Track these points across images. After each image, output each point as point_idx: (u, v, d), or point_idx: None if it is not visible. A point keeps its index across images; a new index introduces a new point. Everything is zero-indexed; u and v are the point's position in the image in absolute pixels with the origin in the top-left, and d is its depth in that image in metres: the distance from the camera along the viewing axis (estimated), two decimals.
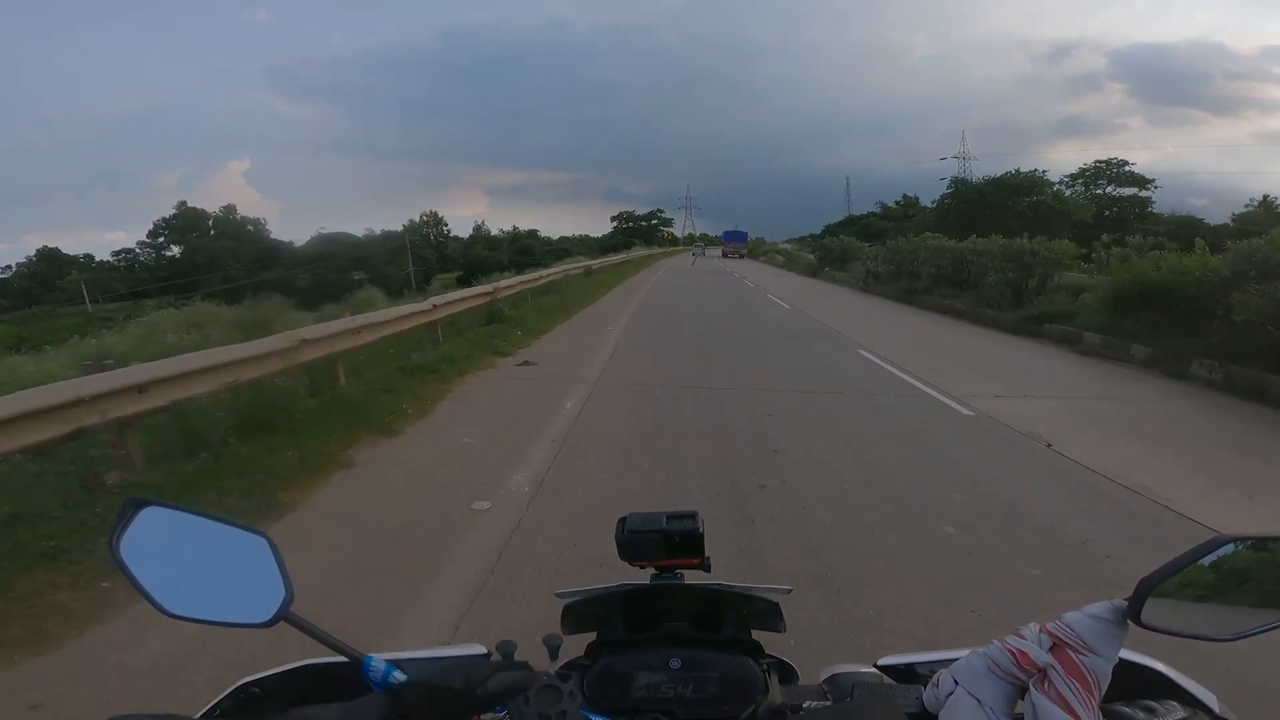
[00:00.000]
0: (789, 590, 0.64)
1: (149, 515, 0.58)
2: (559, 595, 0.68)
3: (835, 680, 0.64)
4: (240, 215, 51.77)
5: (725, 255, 50.01)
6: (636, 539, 0.67)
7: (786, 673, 0.68)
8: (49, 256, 50.53)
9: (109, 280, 46.03)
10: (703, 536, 0.67)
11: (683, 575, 0.69)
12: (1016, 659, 0.51)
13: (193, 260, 46.20)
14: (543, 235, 71.72)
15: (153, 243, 50.82)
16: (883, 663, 0.68)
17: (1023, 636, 0.52)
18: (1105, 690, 0.50)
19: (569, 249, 53.97)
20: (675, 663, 0.61)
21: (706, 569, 0.68)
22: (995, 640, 0.53)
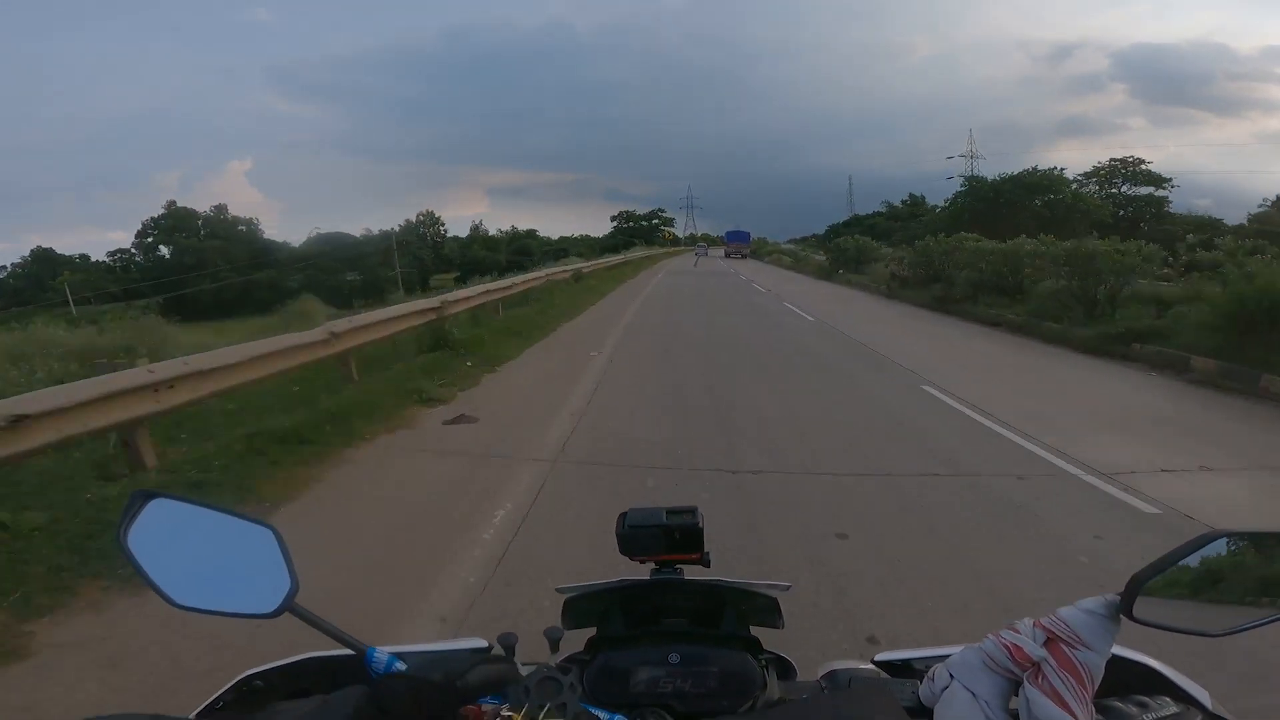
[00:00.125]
0: (788, 587, 0.67)
1: (156, 507, 0.60)
2: (559, 590, 0.70)
3: (833, 676, 0.67)
4: (231, 215, 51.97)
5: (728, 255, 50.11)
6: (637, 534, 0.69)
7: (785, 668, 0.70)
8: (43, 256, 50.89)
9: (104, 281, 46.22)
10: (702, 532, 0.69)
11: (682, 570, 0.71)
12: (1011, 653, 0.53)
13: (181, 261, 46.40)
14: (542, 235, 72.37)
15: (141, 243, 51.08)
16: (880, 658, 0.70)
17: (1017, 631, 0.54)
18: (1099, 685, 0.52)
19: (567, 249, 54.23)
20: (674, 658, 0.63)
21: (706, 564, 0.71)
22: (990, 634, 0.55)
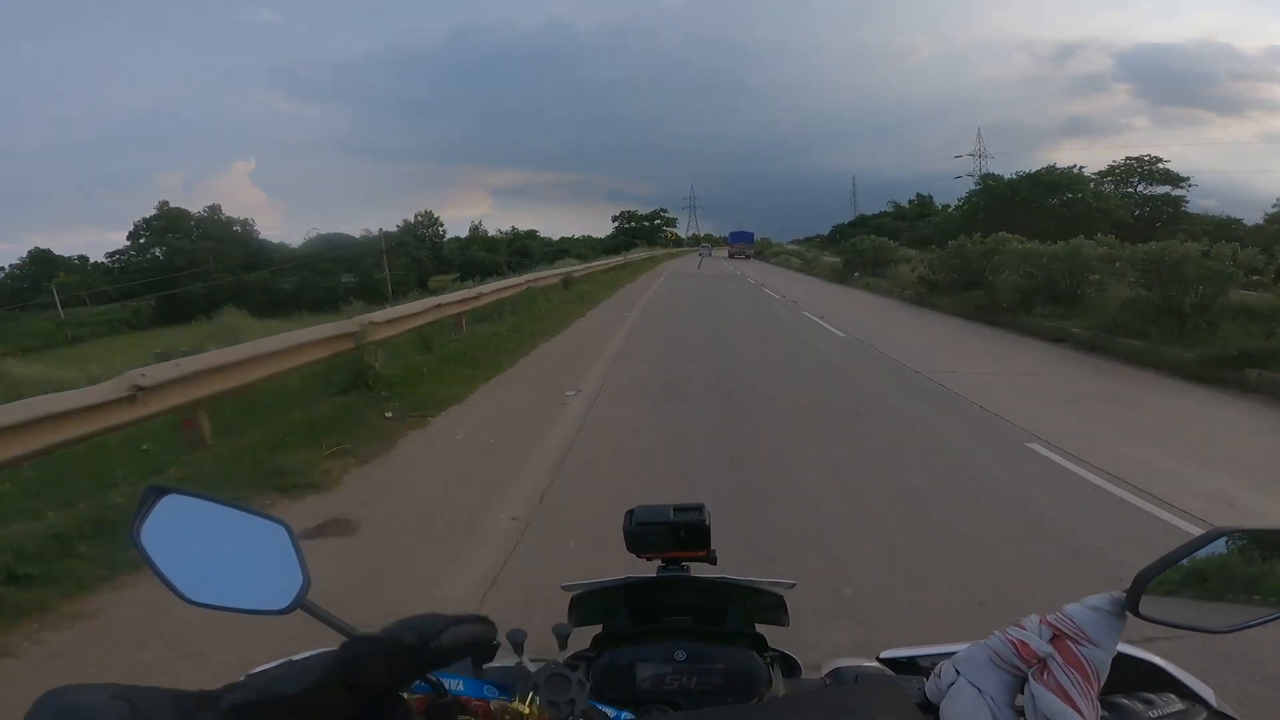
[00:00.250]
0: (793, 584, 0.70)
1: (169, 503, 0.61)
2: (565, 588, 0.73)
3: (838, 673, 0.69)
4: (226, 215, 52.28)
5: (731, 256, 52.38)
6: (644, 531, 0.71)
7: (789, 666, 0.72)
8: (40, 257, 51.26)
9: (100, 282, 46.50)
10: (709, 529, 0.71)
11: (689, 567, 0.73)
12: (1017, 649, 0.56)
13: (172, 262, 46.72)
14: (543, 236, 72.68)
15: (134, 244, 51.46)
16: (885, 655, 0.72)
17: (1023, 628, 0.57)
18: (1104, 681, 0.54)
19: (568, 250, 54.64)
20: (680, 655, 0.66)
21: (712, 562, 0.73)
22: (997, 631, 0.58)
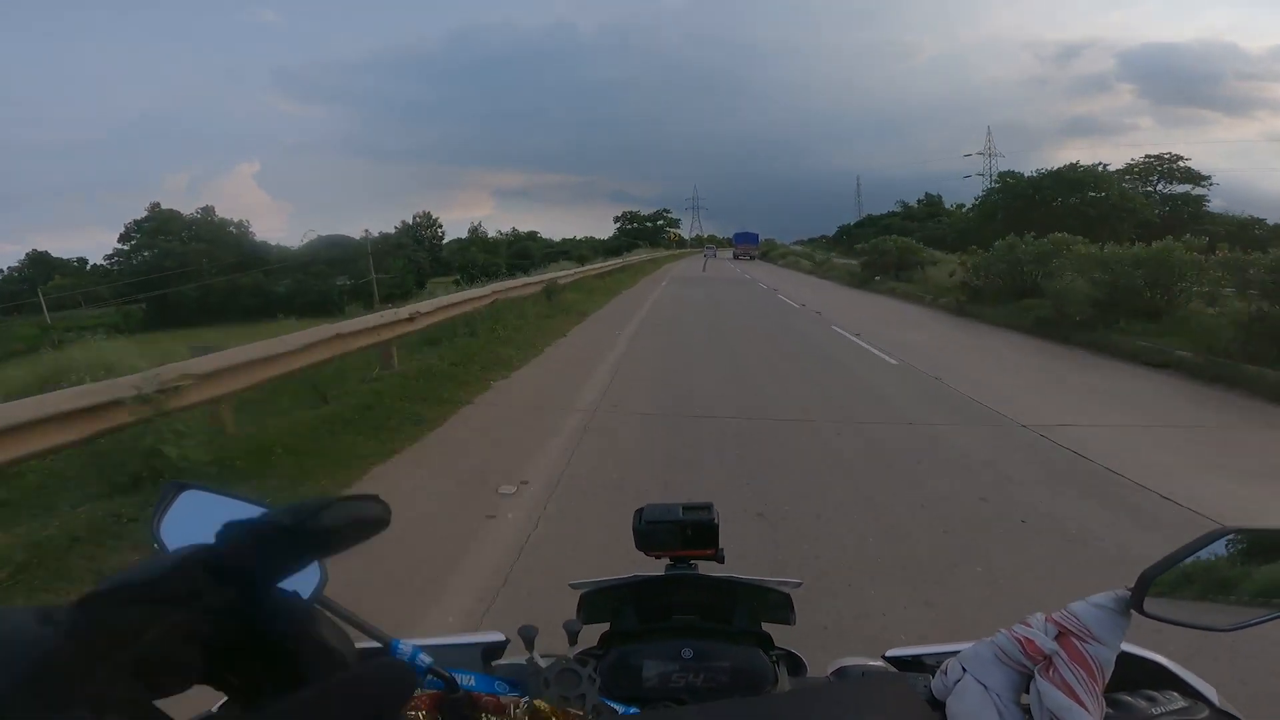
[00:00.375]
0: (799, 583, 0.73)
1: (189, 498, 0.64)
2: (574, 586, 0.76)
3: (844, 671, 0.72)
4: (219, 217, 52.55)
5: (736, 257, 54.69)
6: (653, 529, 0.74)
7: (795, 664, 0.75)
8: (38, 259, 51.99)
9: (100, 285, 46.95)
10: (717, 528, 0.74)
11: (696, 566, 0.76)
12: (1024, 647, 0.59)
13: (162, 265, 47.03)
14: (544, 237, 73.36)
15: (123, 247, 51.90)
16: (890, 654, 0.75)
17: (1029, 625, 0.60)
18: (1109, 679, 0.57)
19: (569, 251, 55.18)
20: (687, 653, 0.69)
21: (720, 560, 0.76)
22: (1003, 629, 0.61)
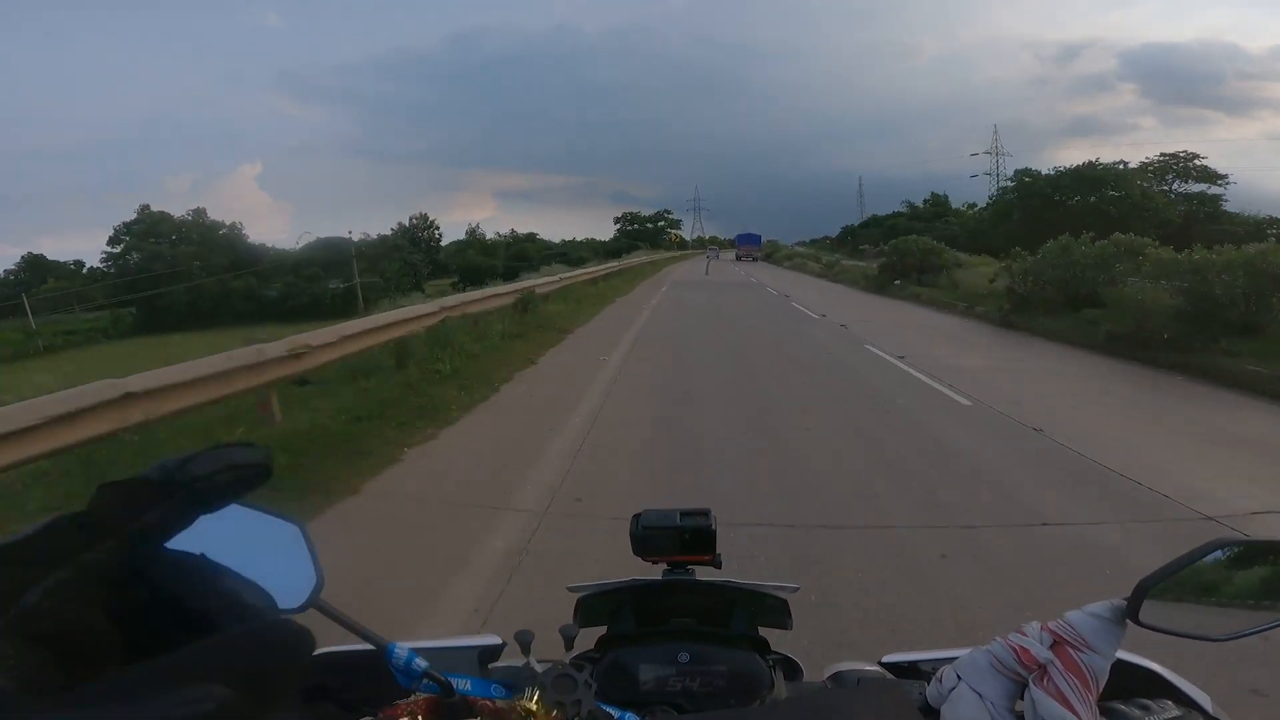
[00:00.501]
0: (796, 588, 0.75)
1: None
2: (572, 589, 0.78)
3: (839, 677, 0.74)
4: (211, 219, 52.77)
5: (739, 258, 57.83)
6: (650, 535, 0.77)
7: (792, 669, 0.78)
8: (35, 263, 52.39)
9: (93, 288, 47.08)
10: (715, 533, 0.77)
11: (694, 571, 0.79)
12: (1018, 655, 0.61)
13: (150, 268, 47.21)
14: (543, 239, 73.91)
15: (112, 250, 52.22)
16: (886, 660, 0.77)
17: (1024, 634, 0.62)
18: (1103, 688, 0.59)
19: (567, 253, 55.67)
20: (684, 657, 0.71)
21: (717, 565, 0.79)
22: (998, 637, 0.63)
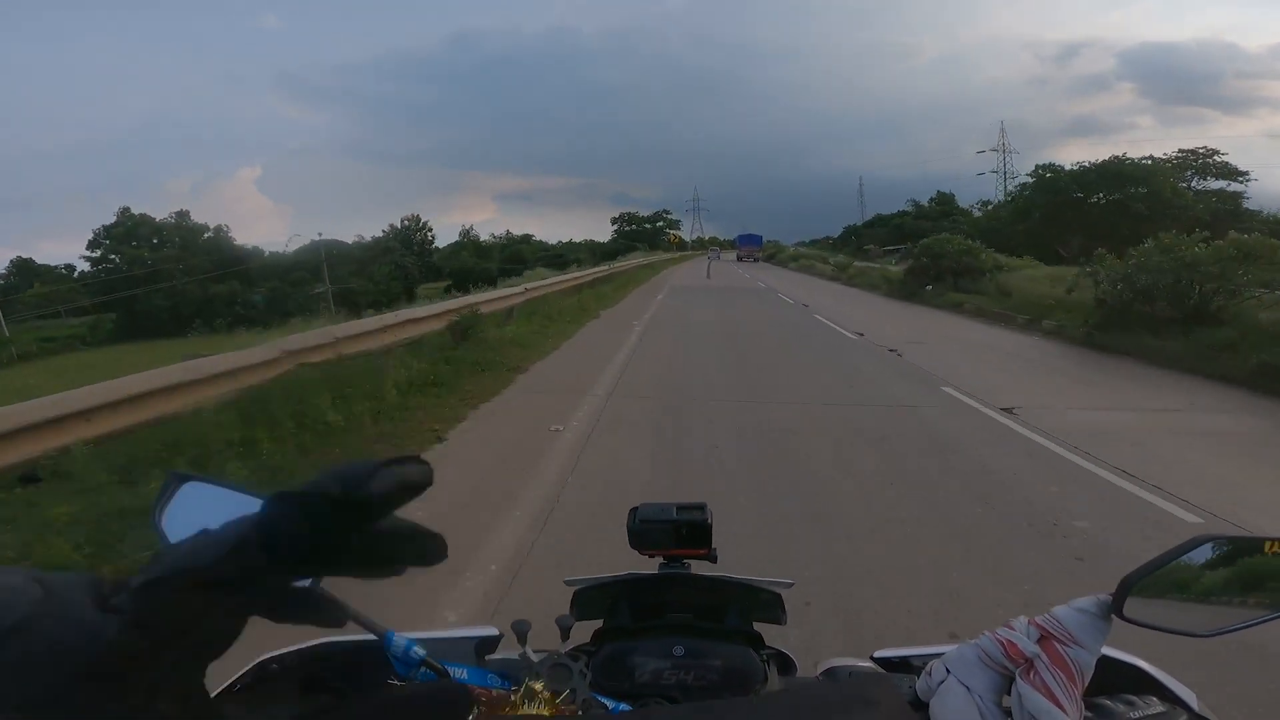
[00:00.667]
0: (791, 583, 0.79)
1: (190, 490, 0.70)
2: (568, 582, 0.82)
3: (832, 671, 0.78)
4: (194, 221, 52.93)
5: (740, 259, 61.11)
6: (647, 529, 0.81)
7: (785, 664, 0.82)
8: (23, 267, 53.06)
9: (80, 293, 47.37)
10: (711, 528, 0.81)
11: (690, 565, 0.83)
12: (1005, 649, 0.64)
13: (130, 273, 47.33)
14: (540, 240, 74.71)
15: (90, 254, 52.38)
16: (878, 655, 0.81)
17: (1012, 628, 0.66)
18: (1089, 682, 0.63)
19: (563, 255, 56.18)
20: (679, 651, 0.75)
21: (713, 560, 0.83)
22: (986, 631, 0.67)
